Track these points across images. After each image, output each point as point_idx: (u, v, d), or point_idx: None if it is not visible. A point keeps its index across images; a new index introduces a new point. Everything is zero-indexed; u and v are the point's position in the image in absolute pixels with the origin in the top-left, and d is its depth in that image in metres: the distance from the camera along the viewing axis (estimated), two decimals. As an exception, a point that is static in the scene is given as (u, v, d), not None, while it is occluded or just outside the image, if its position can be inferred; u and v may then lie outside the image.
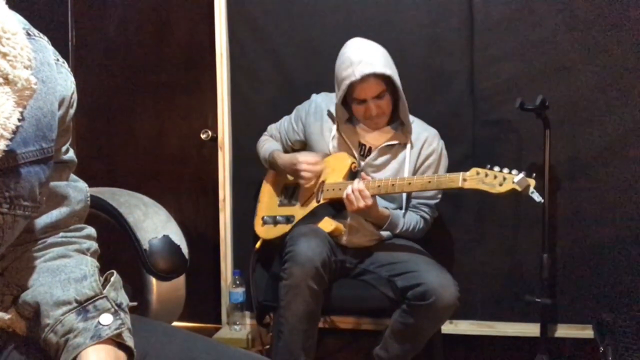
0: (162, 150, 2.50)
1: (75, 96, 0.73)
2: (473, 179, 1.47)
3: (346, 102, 1.76)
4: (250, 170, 2.15)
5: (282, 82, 2.21)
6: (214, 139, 2.36)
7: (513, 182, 1.41)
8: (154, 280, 1.43)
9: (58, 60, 0.71)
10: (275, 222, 1.88)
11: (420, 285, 1.51)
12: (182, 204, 2.48)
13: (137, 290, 1.44)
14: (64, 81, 0.70)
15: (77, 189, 0.78)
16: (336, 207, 1.76)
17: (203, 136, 2.40)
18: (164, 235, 1.42)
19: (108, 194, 1.52)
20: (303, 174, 1.75)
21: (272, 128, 2.03)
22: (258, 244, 1.94)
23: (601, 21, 1.93)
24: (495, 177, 1.44)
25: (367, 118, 1.74)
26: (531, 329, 1.96)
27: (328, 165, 1.80)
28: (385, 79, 1.66)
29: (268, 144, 1.97)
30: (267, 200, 1.97)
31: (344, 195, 1.61)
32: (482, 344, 2.10)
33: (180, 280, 1.50)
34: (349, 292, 1.74)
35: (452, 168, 2.07)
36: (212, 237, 2.38)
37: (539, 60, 1.99)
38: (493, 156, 2.03)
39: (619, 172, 1.95)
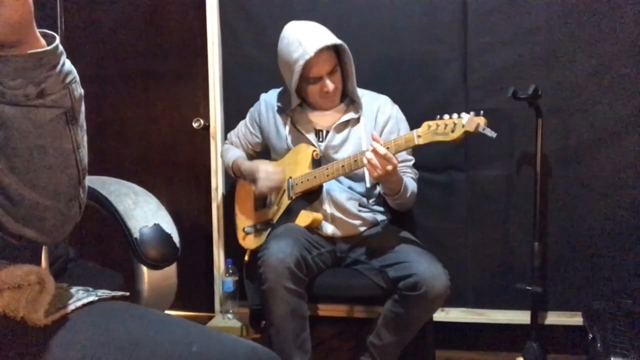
0: (154, 139, 2.48)
1: None
2: (426, 133, 1.46)
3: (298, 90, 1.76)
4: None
5: (275, 69, 2.17)
6: (206, 128, 2.35)
7: (462, 126, 1.39)
8: (145, 269, 1.43)
9: None
10: (256, 230, 1.90)
11: (411, 276, 1.52)
12: (174, 193, 2.47)
13: (128, 279, 1.44)
14: None
15: None
16: (309, 199, 1.76)
17: (195, 125, 2.38)
18: (154, 224, 1.41)
19: (98, 182, 1.50)
20: (259, 185, 1.76)
21: (232, 135, 2.04)
22: (247, 257, 1.95)
23: (594, 10, 1.93)
24: (446, 125, 1.42)
25: (324, 96, 1.73)
26: (522, 317, 1.98)
27: (290, 160, 1.80)
28: (336, 52, 1.68)
29: (230, 153, 1.97)
30: (243, 210, 1.98)
31: (365, 162, 1.52)
32: (473, 331, 2.12)
33: (172, 269, 1.49)
34: (341, 281, 1.75)
35: (444, 157, 2.07)
36: (204, 225, 2.37)
37: (532, 49, 1.98)
38: (484, 145, 2.04)
39: (610, 162, 1.96)
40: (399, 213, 1.89)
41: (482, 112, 1.39)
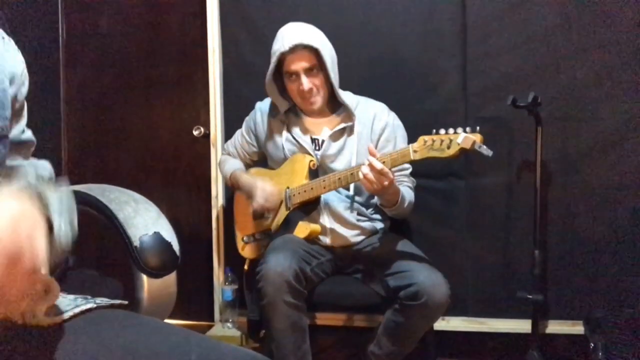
0: (154, 147, 2.49)
1: (26, 73, 0.72)
2: (422, 148, 1.44)
3: (286, 93, 1.78)
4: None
5: (275, 78, 2.20)
6: (206, 136, 2.35)
7: (458, 141, 1.38)
8: (144, 278, 1.42)
9: (4, 38, 0.70)
10: (254, 239, 1.90)
11: (412, 285, 1.51)
12: (175, 201, 2.46)
13: (127, 287, 1.43)
14: (12, 59, 0.69)
15: (41, 167, 0.77)
16: (307, 210, 1.75)
17: (195, 132, 2.39)
18: (154, 232, 1.41)
19: (98, 190, 1.50)
20: (254, 203, 1.78)
21: (229, 145, 2.04)
22: (246, 266, 1.94)
23: (593, 17, 1.94)
24: (442, 141, 1.41)
25: (302, 96, 1.73)
26: (523, 325, 1.97)
27: (287, 170, 1.80)
28: (316, 54, 1.68)
29: (228, 165, 1.97)
30: (242, 219, 1.98)
31: (360, 177, 1.51)
32: (474, 340, 2.11)
33: (172, 277, 1.49)
34: (341, 289, 1.74)
35: (444, 164, 2.07)
36: (204, 234, 2.37)
37: (531, 57, 1.99)
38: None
39: (610, 169, 1.96)
40: (398, 221, 1.89)
41: (478, 128, 1.38)
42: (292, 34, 1.68)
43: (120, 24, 2.47)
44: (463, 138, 1.36)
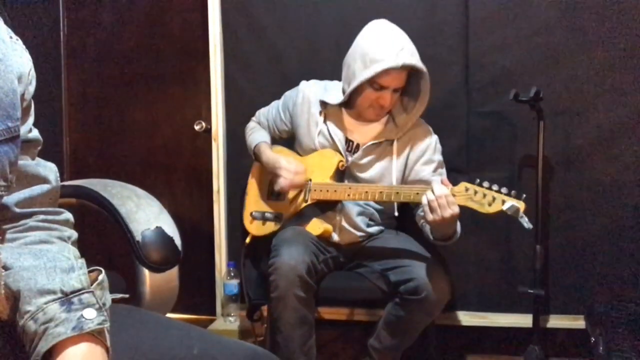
0: (156, 142, 2.49)
1: (33, 72, 0.72)
2: (462, 195, 1.42)
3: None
4: (245, 162, 2.13)
5: (277, 72, 2.20)
6: (208, 131, 2.35)
7: (502, 206, 1.36)
8: (147, 272, 1.42)
9: (11, 37, 0.70)
10: (264, 218, 1.84)
11: (412, 280, 1.51)
12: (176, 196, 2.47)
13: (130, 282, 1.44)
14: (19, 57, 0.70)
15: (48, 168, 0.78)
16: (323, 208, 1.74)
17: (197, 127, 2.39)
18: (156, 227, 1.41)
19: (100, 185, 1.50)
20: (281, 181, 1.69)
21: (261, 114, 1.97)
22: (248, 239, 1.93)
23: (596, 12, 1.93)
24: (485, 195, 1.39)
25: (374, 106, 1.64)
26: (524, 320, 1.97)
27: (314, 162, 1.76)
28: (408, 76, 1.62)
29: (255, 134, 1.90)
30: (255, 193, 1.93)
31: (424, 202, 1.42)
32: (475, 334, 2.11)
33: (174, 272, 1.49)
34: (342, 284, 1.75)
35: (446, 159, 2.07)
36: (206, 228, 2.37)
37: (534, 52, 1.99)
38: (486, 147, 2.04)
39: (612, 164, 1.96)
40: (400, 217, 1.88)
41: (524, 196, 1.37)
42: (405, 49, 1.56)
43: (121, 19, 2.46)
44: (510, 205, 1.35)
